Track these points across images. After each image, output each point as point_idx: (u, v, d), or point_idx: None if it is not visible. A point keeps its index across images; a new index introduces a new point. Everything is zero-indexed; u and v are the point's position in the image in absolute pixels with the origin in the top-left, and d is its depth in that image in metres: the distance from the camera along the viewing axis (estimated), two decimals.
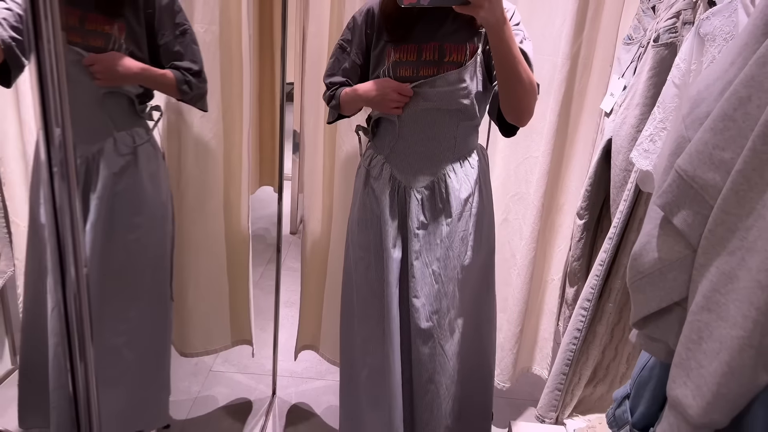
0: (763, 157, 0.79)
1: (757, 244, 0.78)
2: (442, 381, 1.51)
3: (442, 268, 1.47)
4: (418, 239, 1.48)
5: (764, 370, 0.79)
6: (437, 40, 1.43)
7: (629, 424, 1.11)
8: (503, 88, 1.34)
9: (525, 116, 1.39)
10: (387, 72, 1.46)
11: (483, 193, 1.53)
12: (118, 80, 1.53)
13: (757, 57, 0.83)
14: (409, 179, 1.49)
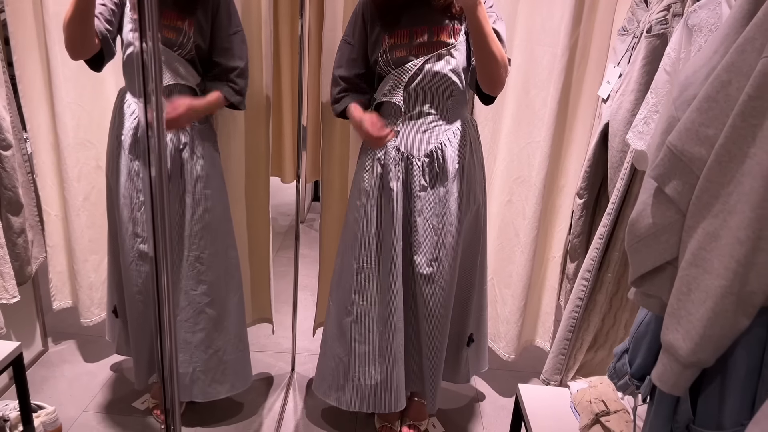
0: (741, 132, 0.91)
1: (737, 207, 0.91)
2: (441, 316, 1.80)
3: (440, 223, 1.72)
4: (420, 200, 1.71)
5: (744, 315, 0.92)
6: (426, 24, 1.65)
7: (628, 374, 1.24)
8: (479, 61, 1.57)
9: (497, 86, 1.62)
10: (384, 55, 1.68)
11: (474, 157, 1.76)
12: (191, 122, 1.77)
13: (736, 46, 0.95)
14: (411, 149, 1.71)
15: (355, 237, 1.81)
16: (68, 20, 1.51)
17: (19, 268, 2.02)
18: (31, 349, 2.34)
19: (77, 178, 2.13)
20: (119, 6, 1.67)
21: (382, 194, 1.75)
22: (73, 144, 2.10)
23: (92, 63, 1.67)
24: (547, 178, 2.00)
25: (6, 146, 1.86)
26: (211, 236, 1.86)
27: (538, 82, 1.93)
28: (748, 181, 0.89)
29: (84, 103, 2.08)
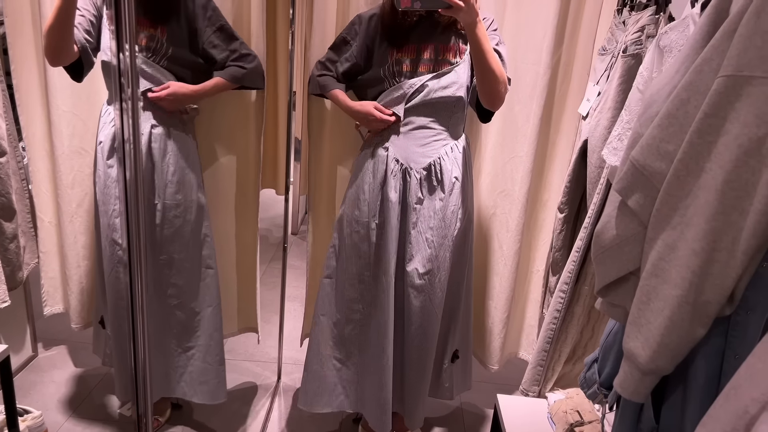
0: (698, 148, 0.95)
1: (693, 220, 0.94)
2: (428, 328, 1.82)
3: (434, 236, 1.74)
4: (415, 212, 1.74)
5: (699, 325, 0.95)
6: (432, 42, 1.72)
7: (597, 383, 1.27)
8: (479, 76, 1.63)
9: (497, 101, 1.68)
10: (390, 68, 1.74)
11: (467, 173, 1.80)
12: (180, 106, 1.83)
13: (695, 66, 0.99)
14: (410, 161, 1.75)
15: (355, 246, 1.84)
16: (48, 27, 1.59)
17: (11, 273, 2.05)
18: (20, 354, 2.36)
19: (71, 185, 2.18)
20: (98, 18, 1.75)
21: (381, 205, 1.78)
22: (68, 152, 2.14)
23: (72, 71, 1.74)
24: (530, 192, 2.04)
25: (1, 153, 1.90)
26: (182, 241, 1.89)
27: (522, 99, 1.98)
28: (704, 195, 0.92)
29: (79, 111, 2.12)
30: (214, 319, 2.01)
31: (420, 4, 1.46)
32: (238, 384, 2.37)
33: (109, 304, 1.91)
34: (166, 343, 1.97)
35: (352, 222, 1.85)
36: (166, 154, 1.81)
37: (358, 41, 1.81)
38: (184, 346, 1.99)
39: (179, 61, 1.81)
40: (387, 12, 1.73)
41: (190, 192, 1.88)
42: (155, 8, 1.74)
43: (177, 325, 1.96)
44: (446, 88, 1.71)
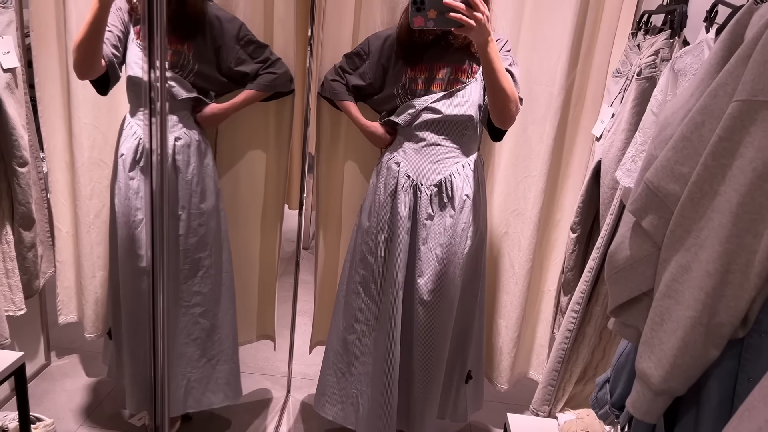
0: (712, 171, 0.96)
1: (707, 242, 0.95)
2: (436, 346, 1.82)
3: (444, 253, 1.74)
4: (425, 228, 1.75)
5: (713, 346, 0.95)
6: (446, 62, 1.75)
7: (608, 403, 1.27)
8: (490, 95, 1.65)
9: (508, 120, 1.69)
10: (404, 86, 1.78)
11: (480, 191, 1.81)
12: (216, 124, 1.96)
13: (709, 90, 1.01)
14: (421, 178, 1.77)
15: (363, 257, 1.86)
16: (79, 42, 1.63)
17: (27, 281, 2.08)
18: (34, 362, 2.38)
19: (90, 196, 2.21)
20: (125, 34, 1.79)
21: (391, 219, 1.80)
22: (88, 163, 2.18)
23: (98, 85, 1.78)
24: (542, 211, 2.05)
25: (22, 163, 1.94)
26: (206, 249, 1.93)
27: (536, 119, 2.00)
28: (718, 217, 0.93)
29: (100, 124, 2.17)
30: (231, 321, 2.06)
31: (433, 23, 1.48)
32: (248, 396, 2.37)
33: (125, 315, 1.93)
34: (189, 355, 1.98)
35: (363, 232, 1.88)
36: (190, 165, 1.85)
37: (371, 59, 1.85)
38: (209, 354, 2.01)
39: (204, 77, 1.86)
40: (403, 31, 1.76)
41: (211, 200, 1.92)
42: (183, 26, 1.79)
43: (201, 334, 1.98)
44: (457, 106, 1.73)
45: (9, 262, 2.00)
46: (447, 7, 1.44)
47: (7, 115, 1.85)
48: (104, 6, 1.57)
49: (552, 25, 1.92)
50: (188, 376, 1.99)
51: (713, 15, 1.37)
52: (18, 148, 1.91)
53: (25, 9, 2.04)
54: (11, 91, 1.88)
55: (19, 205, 1.98)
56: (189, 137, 1.86)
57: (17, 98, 1.92)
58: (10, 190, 1.97)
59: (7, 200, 1.99)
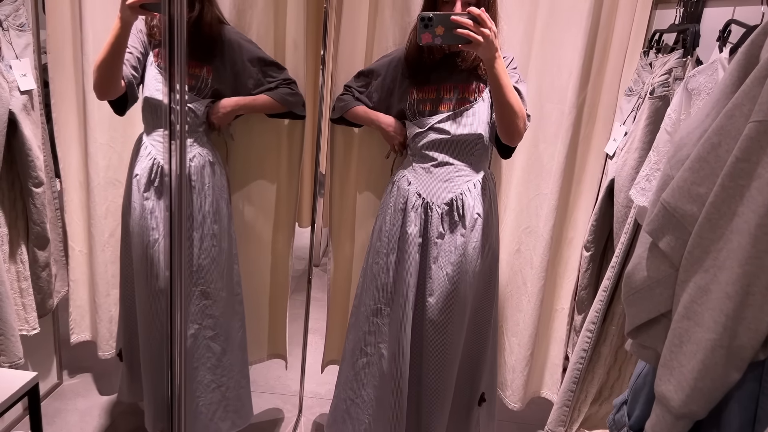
0: (730, 191, 0.95)
1: (726, 263, 0.95)
2: (447, 366, 1.79)
3: (455, 272, 1.73)
4: (436, 247, 1.74)
5: (734, 369, 0.94)
6: (453, 82, 1.75)
7: (626, 426, 1.25)
8: (497, 111, 1.63)
9: (515, 136, 1.67)
10: (411, 107, 1.78)
11: (491, 209, 1.80)
12: (228, 120, 1.93)
13: (726, 110, 1.01)
14: (432, 196, 1.76)
15: (374, 278, 1.85)
16: (100, 62, 1.65)
17: (41, 300, 2.09)
18: (46, 381, 2.39)
19: (104, 215, 2.23)
20: (144, 55, 1.81)
21: (401, 238, 1.80)
22: (103, 183, 2.20)
23: (116, 105, 1.80)
24: (554, 229, 2.04)
25: (38, 184, 1.96)
26: (218, 270, 1.93)
27: (547, 137, 2.00)
28: (737, 238, 0.93)
29: (115, 144, 2.19)
30: (241, 342, 2.05)
31: (441, 40, 1.48)
32: (260, 416, 2.36)
33: (142, 336, 1.93)
34: (199, 379, 1.96)
35: (374, 253, 1.87)
36: (204, 186, 1.86)
37: (377, 79, 1.86)
38: (220, 380, 1.99)
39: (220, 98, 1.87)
40: (412, 48, 1.77)
41: (224, 221, 1.93)
42: (201, 49, 1.81)
43: (211, 359, 1.97)
44: (465, 126, 1.73)
45: (23, 282, 2.01)
46: (454, 24, 1.45)
47: (23, 136, 1.88)
48: (125, 26, 1.59)
49: (563, 43, 1.93)
50: (197, 401, 1.97)
51: (726, 34, 1.38)
52: (34, 168, 1.93)
53: (42, 30, 2.08)
54: (27, 113, 1.91)
55: (34, 225, 2.00)
56: (203, 157, 1.87)
57: (33, 119, 1.94)
58: (25, 210, 1.99)
59: (23, 220, 2.01)
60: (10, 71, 1.83)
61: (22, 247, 2.00)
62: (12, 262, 1.97)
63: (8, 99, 1.81)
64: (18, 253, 1.99)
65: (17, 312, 1.97)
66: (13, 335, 1.84)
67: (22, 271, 2.00)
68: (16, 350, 1.86)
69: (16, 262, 1.99)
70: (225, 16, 1.89)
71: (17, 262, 1.99)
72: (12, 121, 1.83)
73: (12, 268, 1.97)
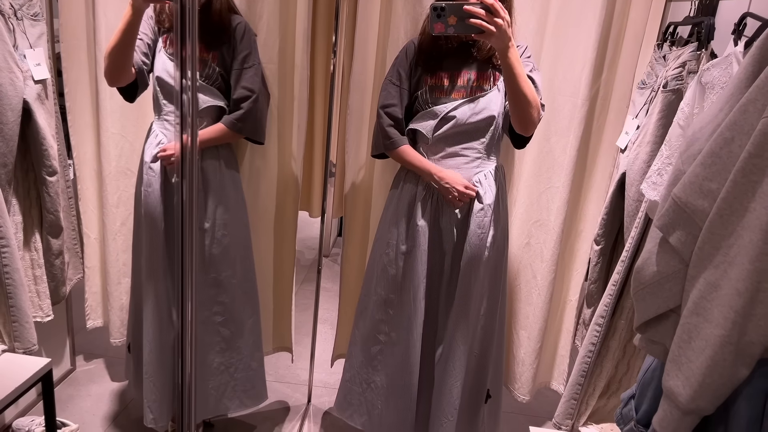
0: (742, 187, 0.94)
1: (737, 259, 0.94)
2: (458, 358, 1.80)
3: (466, 263, 1.74)
4: (449, 237, 1.75)
5: (743, 365, 0.94)
6: (467, 69, 1.74)
7: (634, 420, 1.25)
8: (511, 102, 1.63)
9: (530, 126, 1.66)
10: (424, 95, 1.76)
11: (500, 201, 1.80)
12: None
13: (739, 105, 1.00)
14: None
15: (384, 268, 1.86)
16: (111, 49, 1.66)
17: (55, 288, 2.12)
18: (60, 367, 2.42)
19: (116, 204, 2.25)
20: (154, 41, 1.82)
21: (411, 229, 1.80)
22: (115, 172, 2.22)
23: (126, 92, 1.81)
24: (565, 222, 2.04)
25: (52, 172, 1.98)
26: (229, 259, 1.94)
27: (559, 130, 1.99)
28: (748, 235, 0.92)
29: (127, 134, 2.20)
30: (254, 328, 2.07)
31: (453, 30, 1.48)
32: (269, 405, 2.38)
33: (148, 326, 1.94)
34: (207, 363, 2.00)
35: (383, 244, 1.87)
36: (217, 175, 1.87)
37: (402, 81, 1.81)
38: (228, 362, 2.03)
39: (227, 86, 1.87)
40: (426, 38, 1.76)
41: (236, 211, 1.94)
42: (210, 36, 1.81)
43: (221, 343, 2.00)
44: (479, 114, 1.72)
45: (37, 269, 2.03)
46: (467, 13, 1.44)
47: (37, 126, 1.89)
48: (137, 13, 1.59)
49: (576, 35, 1.91)
50: (207, 383, 2.00)
51: (742, 27, 1.36)
52: (48, 157, 1.95)
53: (55, 19, 2.09)
54: (42, 102, 1.92)
55: (47, 213, 2.02)
56: (216, 148, 1.88)
57: (47, 109, 1.96)
58: (39, 198, 2.01)
59: (37, 208, 2.03)
60: (24, 61, 1.85)
61: (36, 235, 2.03)
62: (26, 250, 2.00)
63: (22, 88, 1.82)
64: (32, 240, 2.02)
65: (31, 299, 2.00)
66: (27, 322, 1.87)
67: (36, 259, 2.03)
68: (31, 337, 1.88)
69: (30, 249, 2.01)
70: (236, 5, 1.89)
71: (31, 249, 2.02)
72: (26, 110, 1.85)
73: (26, 256, 2.00)
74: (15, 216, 1.92)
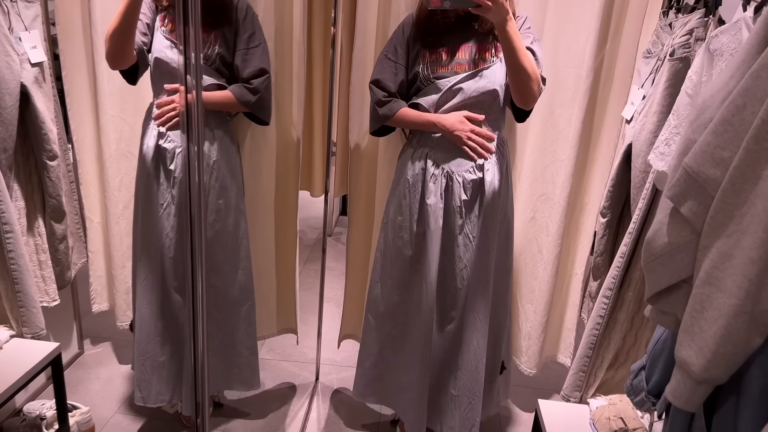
0: (755, 155, 0.93)
1: (750, 228, 0.93)
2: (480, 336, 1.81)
3: (478, 238, 1.74)
4: (460, 215, 1.73)
5: (756, 334, 0.93)
6: (467, 42, 1.71)
7: (644, 391, 1.26)
8: (510, 74, 1.61)
9: (529, 99, 1.65)
10: (424, 70, 1.73)
11: (507, 175, 1.79)
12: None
13: (751, 72, 0.98)
14: (452, 165, 1.74)
15: (399, 251, 1.84)
16: (112, 32, 1.63)
17: (60, 272, 2.12)
18: (68, 351, 2.43)
19: (118, 187, 2.24)
20: (152, 20, 1.78)
21: (421, 209, 1.78)
22: (115, 155, 2.20)
23: (128, 74, 1.78)
24: (570, 195, 2.02)
25: (52, 157, 1.96)
26: (221, 244, 1.93)
27: (563, 102, 1.97)
28: (761, 203, 0.91)
29: (126, 116, 2.18)
30: (248, 315, 2.06)
31: (450, 4, 1.47)
32: (277, 384, 2.40)
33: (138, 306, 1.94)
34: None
35: (395, 227, 1.85)
36: (210, 159, 1.85)
37: (398, 56, 1.78)
38: (218, 344, 2.03)
39: (227, 66, 1.84)
40: (422, 12, 1.73)
41: (230, 197, 1.91)
42: (211, 16, 1.78)
43: (212, 326, 1.99)
44: (482, 87, 1.69)
45: (42, 254, 2.03)
46: None
47: (36, 110, 1.87)
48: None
49: (580, 4, 1.88)
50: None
51: None
52: (47, 141, 1.93)
53: (50, 1, 2.05)
54: (39, 85, 1.90)
55: (50, 198, 2.01)
56: (212, 130, 1.85)
57: (45, 92, 1.93)
58: (41, 183, 2.00)
59: (39, 193, 2.02)
60: (20, 44, 1.82)
61: (39, 220, 2.02)
62: (30, 235, 1.99)
63: (19, 72, 1.80)
64: (35, 226, 2.01)
65: (37, 284, 1.99)
66: (34, 307, 1.87)
67: (40, 244, 2.02)
68: (38, 322, 1.89)
69: (34, 234, 2.01)
70: None
71: (35, 234, 2.01)
72: (24, 94, 1.83)
73: (30, 241, 1.99)
74: (17, 201, 1.91)
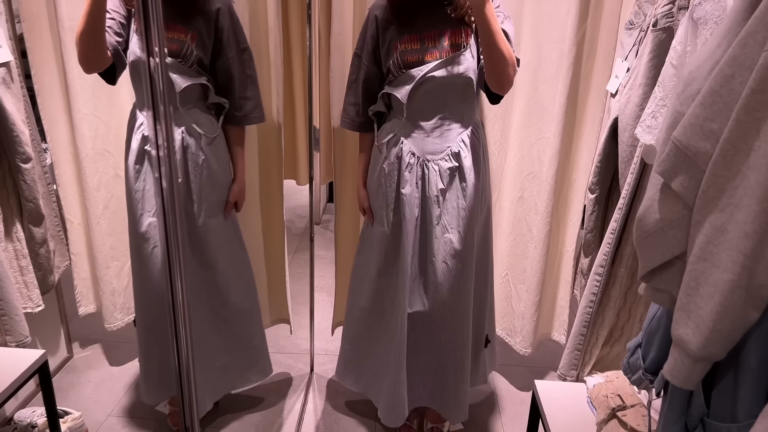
0: (745, 126, 0.91)
1: (743, 201, 0.91)
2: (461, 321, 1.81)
3: (459, 227, 1.71)
4: (437, 204, 1.71)
5: (753, 308, 0.92)
6: (437, 28, 1.66)
7: (641, 369, 1.25)
8: (487, 60, 1.57)
9: (505, 84, 1.61)
10: (396, 61, 1.69)
11: (484, 159, 1.77)
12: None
13: (738, 39, 0.95)
14: (427, 153, 1.71)
15: (378, 239, 1.83)
16: (80, 34, 1.55)
17: (42, 277, 2.07)
18: (56, 356, 2.39)
19: (97, 187, 2.18)
20: (128, 19, 1.70)
21: (396, 199, 1.76)
22: (92, 154, 2.14)
23: (106, 75, 1.71)
24: (558, 173, 2.00)
25: (26, 159, 1.91)
26: (217, 241, 1.89)
27: (547, 78, 1.94)
28: (754, 175, 0.89)
29: (101, 114, 2.12)
30: (252, 306, 2.05)
31: None
32: (273, 376, 2.37)
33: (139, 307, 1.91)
34: (209, 346, 1.97)
35: (376, 215, 1.85)
36: (200, 157, 1.79)
37: (367, 51, 1.75)
38: (228, 342, 2.01)
39: (204, 67, 1.78)
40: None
41: (223, 192, 1.88)
42: (185, 15, 1.70)
43: (220, 323, 1.97)
44: (456, 73, 1.65)
45: (22, 260, 1.98)
46: None
47: (5, 112, 1.81)
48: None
49: None
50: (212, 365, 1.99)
51: None
52: (20, 144, 1.88)
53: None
54: (7, 86, 1.84)
55: (26, 202, 1.95)
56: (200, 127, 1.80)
57: (14, 93, 1.87)
58: (16, 187, 1.95)
59: (14, 197, 1.96)
60: None
61: (17, 224, 1.97)
62: (8, 241, 1.94)
63: None
64: (13, 231, 1.96)
65: (19, 290, 1.95)
66: (17, 314, 1.83)
67: (19, 249, 1.97)
68: (22, 329, 1.84)
69: (13, 240, 1.96)
70: None
71: (14, 240, 1.96)
72: None
73: (9, 247, 1.94)
74: None
